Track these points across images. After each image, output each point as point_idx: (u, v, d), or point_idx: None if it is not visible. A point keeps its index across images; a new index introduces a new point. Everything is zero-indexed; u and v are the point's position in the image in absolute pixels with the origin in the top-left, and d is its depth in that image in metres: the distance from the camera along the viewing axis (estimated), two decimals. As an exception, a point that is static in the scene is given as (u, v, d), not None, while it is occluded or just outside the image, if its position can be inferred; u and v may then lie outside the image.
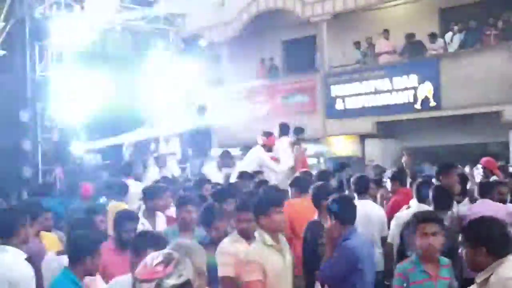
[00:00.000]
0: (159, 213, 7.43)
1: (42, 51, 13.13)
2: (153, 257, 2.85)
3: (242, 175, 9.74)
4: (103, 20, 14.95)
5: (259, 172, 10.30)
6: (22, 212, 5.60)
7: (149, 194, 7.51)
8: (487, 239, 4.06)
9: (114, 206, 8.09)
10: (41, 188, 10.80)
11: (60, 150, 13.06)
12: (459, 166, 10.81)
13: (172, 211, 7.39)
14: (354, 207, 5.62)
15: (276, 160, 11.46)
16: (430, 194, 6.59)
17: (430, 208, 6.42)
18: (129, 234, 5.67)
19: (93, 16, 14.85)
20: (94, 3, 14.71)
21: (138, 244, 4.36)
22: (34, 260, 5.44)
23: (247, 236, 5.57)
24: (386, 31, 19.17)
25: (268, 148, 11.45)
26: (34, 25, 13.03)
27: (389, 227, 7.23)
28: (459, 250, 4.72)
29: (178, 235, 6.10)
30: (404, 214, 6.77)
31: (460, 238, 4.55)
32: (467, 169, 10.83)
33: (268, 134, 11.66)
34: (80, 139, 13.44)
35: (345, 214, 5.48)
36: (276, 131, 11.84)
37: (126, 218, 6.02)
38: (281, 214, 5.27)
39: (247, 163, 11.31)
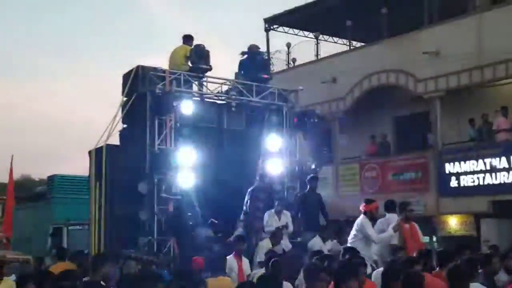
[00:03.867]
0: None
1: (162, 125, 13.59)
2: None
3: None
4: (221, 96, 15.45)
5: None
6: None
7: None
8: None
9: (216, 280, 8.24)
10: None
11: (174, 222, 13.34)
12: None
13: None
14: None
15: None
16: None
17: None
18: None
19: (211, 92, 15.46)
20: (211, 79, 15.26)
21: None
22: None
23: None
24: (504, 108, 18.72)
25: (370, 214, 11.35)
26: (155, 100, 13.53)
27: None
28: None
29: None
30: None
31: None
32: None
33: (369, 201, 11.61)
34: (195, 211, 13.70)
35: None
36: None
37: None
38: None
39: (352, 235, 11.36)
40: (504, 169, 17.74)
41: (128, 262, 10.24)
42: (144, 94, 13.65)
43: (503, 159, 17.77)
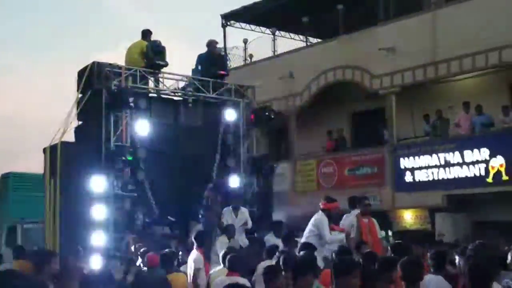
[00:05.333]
0: None
1: (117, 121, 13.49)
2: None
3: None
4: (178, 92, 15.43)
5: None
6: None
7: None
8: None
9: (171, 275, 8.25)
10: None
11: (131, 219, 13.26)
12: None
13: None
14: None
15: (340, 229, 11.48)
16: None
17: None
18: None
19: (167, 88, 15.40)
20: (168, 75, 15.20)
21: None
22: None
23: None
24: (466, 103, 18.98)
25: (328, 213, 11.41)
26: (110, 97, 13.41)
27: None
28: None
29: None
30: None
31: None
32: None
33: (330, 200, 11.66)
34: (151, 208, 13.64)
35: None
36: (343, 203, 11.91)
37: None
38: None
39: (308, 230, 11.39)
40: (458, 164, 17.99)
41: (113, 261, 10.10)
42: (100, 90, 13.52)
43: (457, 153, 18.02)
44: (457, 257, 8.56)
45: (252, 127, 16.04)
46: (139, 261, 10.97)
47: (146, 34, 15.04)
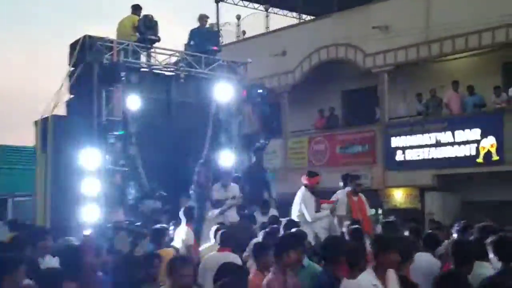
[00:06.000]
0: None
1: (109, 96, 13.42)
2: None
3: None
4: (170, 67, 15.39)
5: None
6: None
7: None
8: None
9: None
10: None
11: (122, 194, 13.25)
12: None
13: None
14: None
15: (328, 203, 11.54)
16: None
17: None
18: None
19: (159, 63, 15.33)
20: (159, 50, 15.13)
21: None
22: None
23: None
24: (455, 83, 19.01)
25: (311, 188, 11.43)
26: (102, 71, 13.34)
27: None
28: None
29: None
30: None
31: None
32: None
33: (312, 174, 11.67)
34: (142, 183, 13.65)
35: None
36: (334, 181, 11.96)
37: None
38: None
39: (296, 207, 11.47)
40: (449, 144, 18.04)
41: (120, 233, 10.03)
42: (91, 64, 13.44)
43: (448, 133, 18.05)
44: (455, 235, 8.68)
45: (244, 104, 16.01)
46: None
47: (136, 8, 14.92)
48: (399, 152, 19.16)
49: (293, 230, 8.67)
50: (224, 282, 5.02)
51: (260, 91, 16.02)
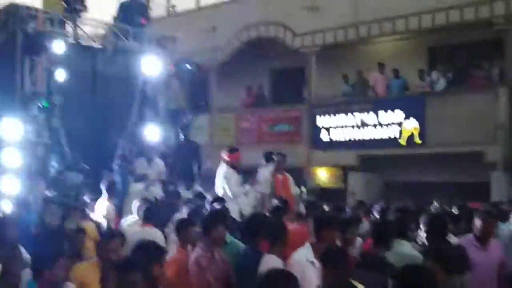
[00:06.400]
0: None
1: (33, 66, 13.09)
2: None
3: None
4: (96, 39, 15.11)
5: None
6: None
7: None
8: None
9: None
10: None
11: (44, 166, 13.01)
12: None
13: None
14: None
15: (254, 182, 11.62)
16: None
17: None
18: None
19: (86, 35, 15.02)
20: (87, 22, 14.83)
21: None
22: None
23: None
24: (381, 65, 19.36)
25: (232, 164, 11.48)
26: (26, 40, 13.00)
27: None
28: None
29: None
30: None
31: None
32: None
33: (233, 150, 11.71)
34: (65, 157, 13.41)
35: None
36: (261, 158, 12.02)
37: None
38: None
39: (219, 184, 11.49)
40: (372, 125, 18.38)
41: (51, 207, 9.77)
42: (15, 32, 13.08)
43: (373, 115, 18.38)
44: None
45: (172, 79, 15.89)
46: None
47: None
48: (324, 132, 19.40)
49: (218, 206, 8.71)
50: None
51: (189, 66, 15.93)
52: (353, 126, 18.79)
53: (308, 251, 5.90)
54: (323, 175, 20.13)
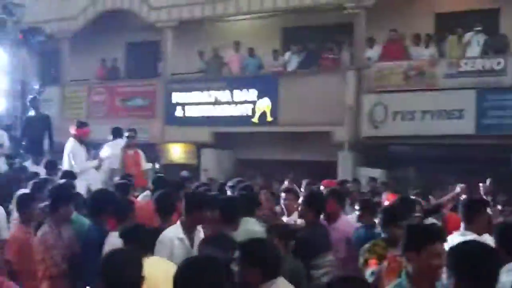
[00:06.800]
0: None
1: None
2: None
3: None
4: None
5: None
6: None
7: None
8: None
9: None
10: None
11: None
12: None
13: None
14: None
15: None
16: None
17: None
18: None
19: None
20: None
21: None
22: None
23: None
24: (236, 43, 19.44)
25: (80, 139, 11.25)
26: None
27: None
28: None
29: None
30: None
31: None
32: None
33: (81, 125, 11.48)
34: None
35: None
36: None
37: None
38: None
39: (66, 159, 11.25)
40: (227, 103, 18.51)
41: None
42: None
43: (227, 92, 18.51)
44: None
45: (20, 48, 15.20)
46: None
47: None
48: (179, 108, 19.33)
49: (63, 181, 8.46)
50: None
51: (39, 36, 15.31)
52: (208, 103, 18.83)
53: (179, 228, 5.93)
54: (176, 151, 20.07)
